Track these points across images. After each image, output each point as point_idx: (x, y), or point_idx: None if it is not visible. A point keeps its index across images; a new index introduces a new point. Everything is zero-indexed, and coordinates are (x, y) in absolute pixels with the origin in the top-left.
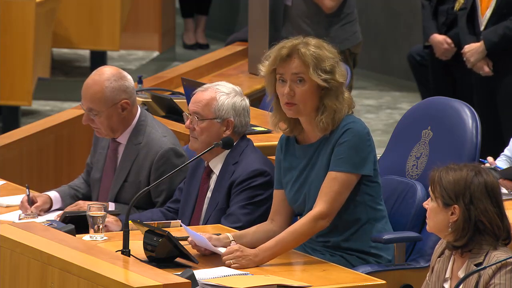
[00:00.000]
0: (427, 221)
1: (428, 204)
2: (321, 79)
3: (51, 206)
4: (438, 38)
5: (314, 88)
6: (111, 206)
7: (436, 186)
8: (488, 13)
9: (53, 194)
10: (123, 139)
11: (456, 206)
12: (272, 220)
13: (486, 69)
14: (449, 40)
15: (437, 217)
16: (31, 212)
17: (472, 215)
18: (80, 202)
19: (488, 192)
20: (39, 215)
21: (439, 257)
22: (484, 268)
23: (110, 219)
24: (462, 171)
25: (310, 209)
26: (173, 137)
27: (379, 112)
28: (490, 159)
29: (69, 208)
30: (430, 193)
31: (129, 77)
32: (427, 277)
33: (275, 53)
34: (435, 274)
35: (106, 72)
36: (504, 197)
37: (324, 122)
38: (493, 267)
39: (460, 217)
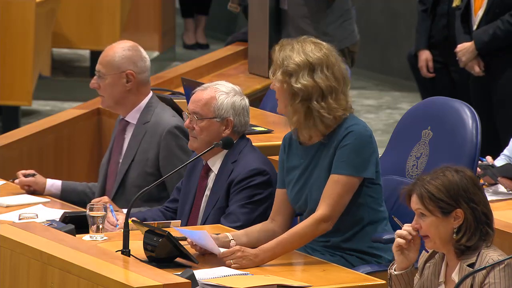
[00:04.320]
0: (427, 240)
1: (419, 224)
2: (276, 78)
3: (40, 190)
4: (424, 56)
5: (276, 85)
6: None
7: (427, 200)
8: (480, 12)
9: (52, 182)
10: (132, 118)
11: (458, 210)
12: (273, 219)
13: (476, 69)
14: (431, 64)
15: (439, 229)
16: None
17: (477, 210)
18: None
19: (476, 185)
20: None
21: (427, 261)
22: (482, 269)
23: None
24: (445, 175)
25: (312, 209)
26: (181, 120)
27: (379, 112)
28: (489, 158)
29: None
30: (421, 210)
31: (145, 55)
32: (416, 276)
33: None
34: (426, 280)
35: (125, 42)
36: (503, 197)
37: (306, 134)
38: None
39: (467, 217)
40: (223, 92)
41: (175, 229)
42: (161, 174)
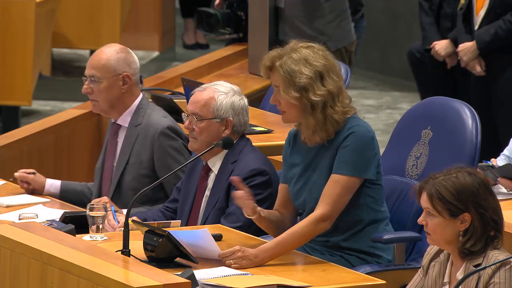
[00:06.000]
0: (430, 237)
1: (426, 221)
2: (290, 96)
3: (40, 189)
4: (441, 45)
5: (290, 101)
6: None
7: (436, 201)
8: (482, 12)
9: (51, 182)
10: (123, 121)
11: (466, 214)
12: (281, 213)
13: (478, 69)
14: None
15: (445, 230)
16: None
17: (486, 216)
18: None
19: (488, 189)
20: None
21: (432, 260)
22: (484, 268)
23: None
24: (457, 178)
25: (311, 208)
26: (173, 119)
27: (379, 112)
28: (493, 160)
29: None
30: (429, 210)
31: (135, 56)
32: (419, 274)
33: (261, 62)
34: (430, 279)
35: (114, 45)
36: (503, 197)
37: (318, 137)
38: (493, 266)
39: (474, 222)
40: (222, 92)
41: (173, 234)
42: (156, 175)
